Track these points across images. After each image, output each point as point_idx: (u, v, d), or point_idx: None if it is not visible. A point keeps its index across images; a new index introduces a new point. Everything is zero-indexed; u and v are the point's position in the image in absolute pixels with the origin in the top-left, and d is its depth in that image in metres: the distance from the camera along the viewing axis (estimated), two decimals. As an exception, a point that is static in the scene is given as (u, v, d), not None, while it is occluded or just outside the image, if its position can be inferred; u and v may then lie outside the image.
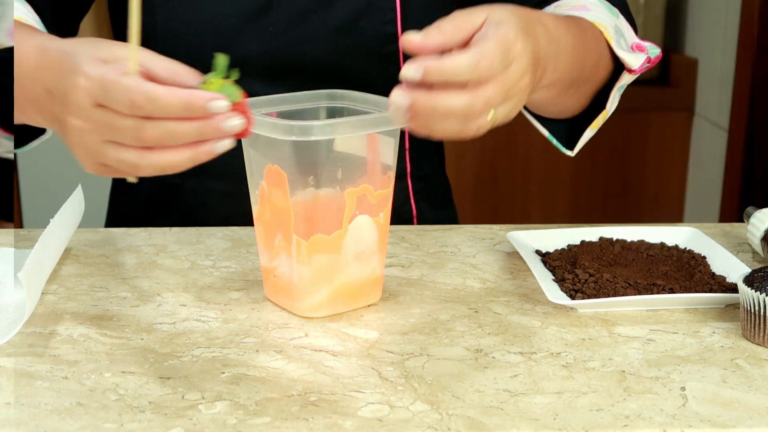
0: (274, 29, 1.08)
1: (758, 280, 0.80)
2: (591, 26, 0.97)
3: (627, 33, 1.06)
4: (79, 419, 0.67)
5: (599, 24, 0.98)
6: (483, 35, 0.73)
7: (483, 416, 0.68)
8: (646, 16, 2.55)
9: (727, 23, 2.33)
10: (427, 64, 0.70)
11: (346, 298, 0.86)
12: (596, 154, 2.55)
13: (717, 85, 2.38)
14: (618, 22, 1.04)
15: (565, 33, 0.88)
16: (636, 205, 2.60)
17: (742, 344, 0.80)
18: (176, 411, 0.68)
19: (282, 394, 0.71)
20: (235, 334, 0.81)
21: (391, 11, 1.10)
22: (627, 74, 1.00)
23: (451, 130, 0.73)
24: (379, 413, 0.68)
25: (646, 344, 0.80)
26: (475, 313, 0.86)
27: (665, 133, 2.54)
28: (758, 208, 1.02)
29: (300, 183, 0.81)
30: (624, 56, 0.98)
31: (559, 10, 1.02)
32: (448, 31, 0.73)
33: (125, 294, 0.90)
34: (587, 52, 0.94)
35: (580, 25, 0.94)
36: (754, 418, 0.68)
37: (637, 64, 0.99)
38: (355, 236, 0.84)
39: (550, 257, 0.96)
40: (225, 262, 0.98)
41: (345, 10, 1.09)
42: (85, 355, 0.77)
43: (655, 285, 0.88)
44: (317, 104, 0.90)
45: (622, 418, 0.68)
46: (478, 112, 0.72)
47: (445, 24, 0.74)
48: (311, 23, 1.08)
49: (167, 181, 1.17)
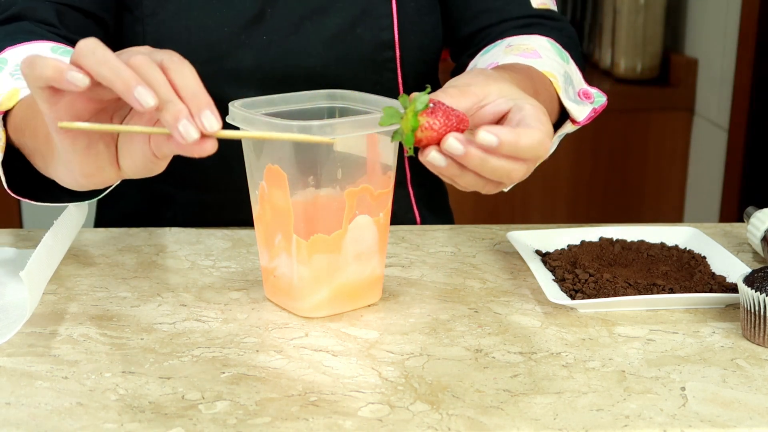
0: (269, 39, 1.07)
1: (758, 280, 0.80)
2: (541, 78, 0.97)
3: (576, 78, 1.06)
4: (79, 419, 0.67)
5: (549, 73, 0.99)
6: (527, 112, 0.73)
7: (483, 416, 0.68)
8: (646, 16, 2.55)
9: (727, 23, 2.33)
10: (502, 136, 0.70)
11: (346, 298, 0.86)
12: (596, 154, 2.55)
13: (717, 85, 2.38)
14: (568, 69, 1.04)
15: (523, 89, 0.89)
16: (636, 205, 2.60)
17: (742, 344, 0.80)
18: (176, 411, 0.68)
19: (282, 394, 0.71)
20: (235, 334, 0.81)
21: (387, 17, 1.09)
22: (570, 124, 1.01)
23: (476, 185, 0.74)
24: (379, 413, 0.68)
25: (646, 344, 0.80)
26: (475, 313, 0.86)
27: (665, 133, 2.54)
28: (758, 208, 1.02)
29: (300, 183, 0.81)
30: (571, 107, 0.98)
31: (511, 54, 1.02)
32: (454, 95, 0.74)
33: (125, 294, 0.90)
34: None
35: (531, 80, 0.94)
36: (754, 418, 0.68)
37: (583, 116, 0.99)
38: (355, 236, 0.84)
39: (550, 257, 0.96)
40: (225, 262, 0.98)
41: (340, 17, 1.08)
42: (85, 355, 0.77)
43: (655, 285, 0.88)
44: (317, 104, 0.90)
45: (622, 418, 0.68)
46: (518, 176, 0.74)
47: (449, 89, 0.74)
48: (306, 32, 1.08)
49: (157, 194, 1.17)
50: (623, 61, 2.58)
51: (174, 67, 0.67)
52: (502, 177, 0.73)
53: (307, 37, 1.08)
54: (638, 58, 2.57)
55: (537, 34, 1.09)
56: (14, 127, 0.88)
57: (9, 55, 0.94)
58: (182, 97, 0.67)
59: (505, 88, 0.76)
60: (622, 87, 2.57)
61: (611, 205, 2.60)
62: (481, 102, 0.74)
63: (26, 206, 2.59)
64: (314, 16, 1.08)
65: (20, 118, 0.87)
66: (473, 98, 0.74)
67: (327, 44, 1.08)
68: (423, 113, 0.70)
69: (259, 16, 1.07)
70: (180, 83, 0.67)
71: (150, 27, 1.05)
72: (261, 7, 1.07)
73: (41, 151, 0.81)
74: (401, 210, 1.18)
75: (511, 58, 1.01)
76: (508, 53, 1.02)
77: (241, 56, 1.07)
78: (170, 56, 0.68)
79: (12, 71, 0.92)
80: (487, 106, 0.74)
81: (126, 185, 1.21)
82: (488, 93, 0.75)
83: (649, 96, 2.54)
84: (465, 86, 0.75)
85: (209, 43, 1.06)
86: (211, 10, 1.06)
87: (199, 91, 0.67)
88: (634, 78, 2.58)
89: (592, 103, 1.04)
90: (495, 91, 0.75)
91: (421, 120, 0.71)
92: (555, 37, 1.09)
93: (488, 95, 0.75)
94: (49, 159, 0.79)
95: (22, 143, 0.87)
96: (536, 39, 1.07)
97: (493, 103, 0.74)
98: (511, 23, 1.11)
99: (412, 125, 0.71)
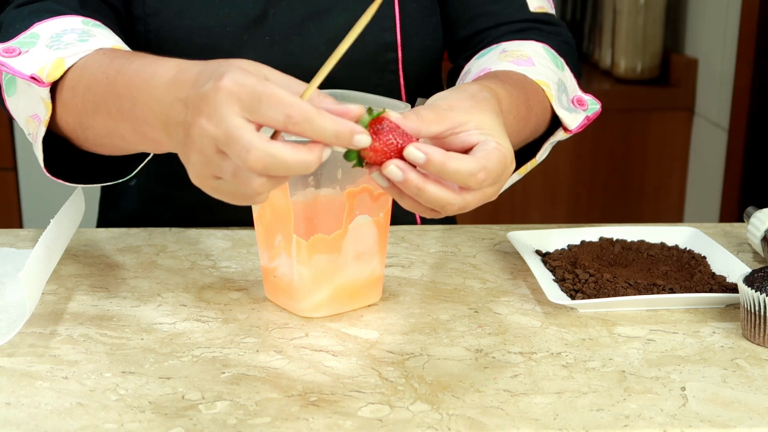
0: (271, 39, 1.07)
1: (758, 280, 0.80)
2: (534, 87, 0.97)
3: (570, 85, 1.05)
4: (79, 419, 0.67)
5: (542, 82, 0.98)
6: (486, 147, 0.73)
7: (483, 416, 0.68)
8: (646, 16, 2.55)
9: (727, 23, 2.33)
10: (431, 156, 0.70)
11: (346, 298, 0.86)
12: (596, 154, 2.55)
13: (717, 85, 2.38)
14: (562, 76, 1.04)
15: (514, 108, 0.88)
16: (636, 205, 2.60)
17: (742, 344, 0.80)
18: (176, 411, 0.68)
19: (282, 394, 0.71)
20: (235, 334, 0.81)
21: (390, 19, 1.09)
22: (562, 131, 1.00)
23: (416, 209, 0.75)
24: (379, 413, 0.68)
25: (646, 344, 0.80)
26: (475, 313, 0.86)
27: (665, 133, 2.54)
28: (758, 208, 1.02)
29: (300, 183, 0.81)
30: (563, 116, 0.98)
31: (505, 60, 1.01)
32: (426, 118, 0.73)
33: (125, 294, 0.90)
34: (528, 121, 0.94)
35: (525, 92, 0.93)
36: (754, 418, 0.68)
37: (575, 124, 0.99)
38: (355, 236, 0.84)
39: (550, 257, 0.96)
40: (225, 262, 0.98)
41: (342, 18, 1.08)
42: (85, 355, 0.77)
43: (655, 285, 0.88)
44: (317, 104, 0.90)
45: (622, 418, 0.68)
46: (452, 210, 0.73)
47: (424, 111, 0.74)
48: (308, 33, 1.08)
49: (155, 194, 1.17)
50: (623, 61, 2.58)
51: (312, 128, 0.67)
52: (437, 207, 0.73)
53: (310, 37, 1.08)
54: (638, 58, 2.57)
55: (533, 39, 1.08)
56: (74, 90, 0.85)
57: (40, 30, 0.92)
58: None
59: (486, 120, 0.75)
60: (622, 87, 2.56)
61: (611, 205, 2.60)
62: (456, 129, 0.74)
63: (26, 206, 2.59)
64: (316, 16, 1.08)
65: (89, 78, 0.84)
66: (448, 124, 0.74)
67: (329, 45, 1.08)
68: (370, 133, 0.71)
69: (262, 16, 1.07)
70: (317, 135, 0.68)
71: (152, 26, 1.05)
72: (264, 8, 1.07)
73: (117, 110, 0.79)
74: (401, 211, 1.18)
75: (505, 65, 1.00)
76: (502, 59, 1.02)
77: (243, 56, 1.06)
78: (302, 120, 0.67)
79: (48, 43, 0.89)
80: (460, 134, 0.74)
81: (127, 186, 1.21)
82: (466, 122, 0.74)
83: (649, 96, 2.54)
84: (445, 110, 0.74)
85: (211, 43, 1.06)
86: (213, 10, 1.06)
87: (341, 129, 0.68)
88: (634, 78, 2.58)
89: (586, 110, 1.03)
90: (473, 122, 0.74)
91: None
92: (551, 43, 1.09)
93: (465, 124, 0.74)
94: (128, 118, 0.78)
95: (84, 103, 0.84)
96: (531, 45, 1.06)
97: (467, 133, 0.74)
98: (507, 27, 1.11)
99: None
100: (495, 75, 0.96)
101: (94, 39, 0.89)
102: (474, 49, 1.12)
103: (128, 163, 0.97)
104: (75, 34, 0.90)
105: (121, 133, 0.81)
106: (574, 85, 1.07)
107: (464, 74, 1.08)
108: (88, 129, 0.85)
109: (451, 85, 1.17)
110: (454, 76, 1.16)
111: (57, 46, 0.89)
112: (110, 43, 0.90)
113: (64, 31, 0.91)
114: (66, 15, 0.95)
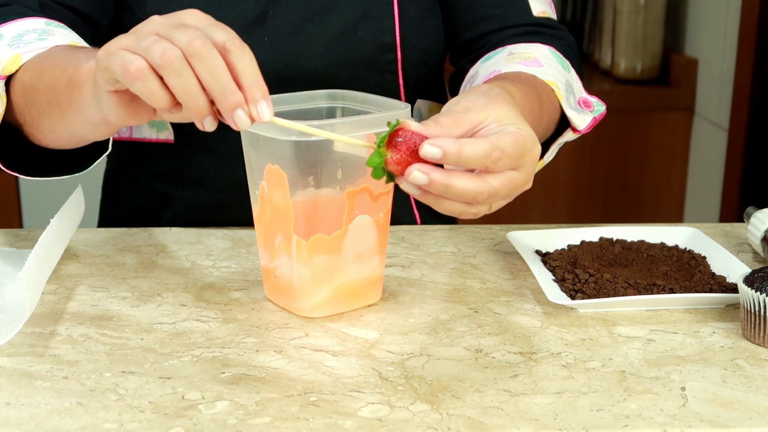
0: (270, 40, 1.07)
1: (758, 280, 0.80)
2: (544, 87, 0.97)
3: (576, 86, 1.06)
4: (79, 419, 0.67)
5: (551, 82, 0.99)
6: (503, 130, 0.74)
7: (483, 416, 0.68)
8: (646, 16, 2.55)
9: (727, 23, 2.33)
10: (446, 147, 0.71)
11: (346, 299, 0.86)
12: (596, 154, 2.55)
13: (717, 85, 2.38)
14: (569, 77, 1.04)
15: (527, 104, 0.89)
16: (636, 205, 2.60)
17: (742, 344, 0.80)
18: (176, 411, 0.68)
19: (282, 394, 0.71)
20: (235, 334, 0.81)
21: (389, 19, 1.09)
22: (571, 132, 1.01)
23: (455, 210, 0.74)
24: (379, 413, 0.68)
25: (646, 344, 0.80)
26: (475, 313, 0.86)
27: (665, 133, 2.54)
28: (758, 208, 1.02)
29: (300, 183, 0.81)
30: (573, 116, 0.98)
31: (513, 62, 1.02)
32: (445, 124, 0.73)
33: (125, 294, 0.90)
34: (542, 119, 0.94)
35: (536, 90, 0.94)
36: (754, 418, 0.68)
37: (584, 124, 1.00)
38: (355, 236, 0.84)
39: (550, 257, 0.96)
40: (225, 262, 0.98)
41: (342, 19, 1.08)
42: (85, 355, 0.77)
43: (655, 285, 0.88)
44: (317, 104, 0.90)
45: (622, 418, 0.68)
46: (482, 200, 0.73)
47: (442, 117, 0.74)
48: (307, 33, 1.08)
49: (158, 193, 1.17)
50: (623, 61, 2.58)
51: (235, 51, 0.69)
52: (469, 199, 0.73)
53: (309, 38, 1.08)
54: (638, 58, 2.57)
55: (538, 42, 1.09)
56: (23, 87, 0.89)
57: (4, 30, 0.95)
58: (241, 84, 0.69)
59: (503, 111, 0.75)
60: (622, 87, 2.56)
61: (611, 205, 2.60)
62: (476, 128, 0.74)
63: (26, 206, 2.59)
64: (316, 17, 1.08)
65: (30, 76, 0.88)
66: (467, 125, 0.74)
67: (328, 45, 1.08)
68: (387, 147, 0.72)
69: (261, 16, 1.07)
70: (240, 69, 0.69)
71: None
72: (263, 8, 1.07)
73: (59, 102, 0.83)
74: (401, 212, 1.18)
75: (514, 66, 1.00)
76: (510, 61, 1.02)
77: None
78: (232, 39, 0.69)
79: (10, 42, 0.93)
80: (482, 131, 0.74)
81: (128, 185, 1.21)
82: (485, 118, 0.74)
83: (649, 96, 2.54)
84: (462, 113, 0.74)
85: None
86: (213, 11, 1.06)
87: (257, 80, 0.69)
88: (634, 78, 2.58)
89: (592, 111, 1.04)
90: (492, 116, 0.75)
91: (386, 155, 0.73)
92: (556, 46, 1.09)
93: (484, 120, 0.74)
94: (68, 108, 0.82)
95: (30, 102, 0.88)
96: (537, 47, 1.07)
97: (487, 128, 0.74)
98: (511, 30, 1.11)
99: (377, 162, 0.73)
100: (505, 76, 0.97)
101: (52, 37, 0.93)
102: (477, 52, 1.12)
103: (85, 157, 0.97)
104: (35, 33, 0.94)
105: (69, 119, 0.83)
106: (579, 86, 1.07)
107: (471, 77, 1.08)
108: (37, 119, 0.88)
109: (453, 88, 1.17)
110: (456, 79, 1.16)
111: (17, 45, 0.92)
112: (67, 40, 0.93)
113: (26, 31, 0.94)
114: (30, 17, 0.98)
